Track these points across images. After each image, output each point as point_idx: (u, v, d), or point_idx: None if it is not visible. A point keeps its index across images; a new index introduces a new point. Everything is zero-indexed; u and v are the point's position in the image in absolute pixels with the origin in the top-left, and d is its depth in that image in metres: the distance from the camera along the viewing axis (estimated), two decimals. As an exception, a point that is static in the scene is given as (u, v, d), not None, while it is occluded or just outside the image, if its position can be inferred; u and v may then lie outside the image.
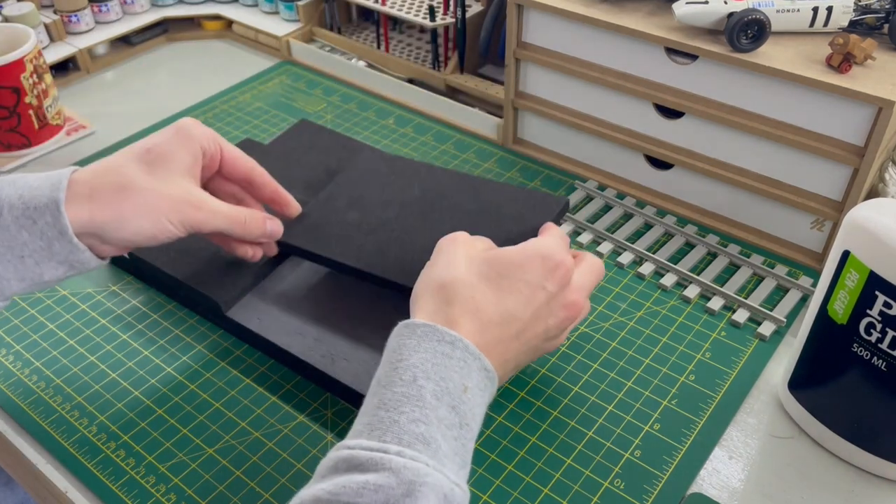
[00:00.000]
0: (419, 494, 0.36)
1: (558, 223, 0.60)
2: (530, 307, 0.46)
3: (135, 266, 0.65)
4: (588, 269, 0.51)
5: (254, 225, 0.55)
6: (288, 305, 0.60)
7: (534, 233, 0.57)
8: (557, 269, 0.47)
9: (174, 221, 0.49)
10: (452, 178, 0.64)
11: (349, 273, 0.59)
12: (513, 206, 0.60)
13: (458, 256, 0.47)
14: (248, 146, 0.75)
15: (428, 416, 0.39)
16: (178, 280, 0.61)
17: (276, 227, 0.57)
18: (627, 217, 0.72)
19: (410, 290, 0.55)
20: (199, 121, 0.54)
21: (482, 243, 0.50)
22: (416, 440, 0.38)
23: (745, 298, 0.62)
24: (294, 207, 0.60)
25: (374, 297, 0.60)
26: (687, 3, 0.62)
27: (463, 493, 0.39)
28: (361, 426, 0.40)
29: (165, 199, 0.49)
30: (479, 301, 0.45)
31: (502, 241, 0.55)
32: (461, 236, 0.50)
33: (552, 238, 0.50)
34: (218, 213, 0.52)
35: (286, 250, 0.61)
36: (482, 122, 0.83)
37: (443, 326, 0.44)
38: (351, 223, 0.61)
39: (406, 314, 0.57)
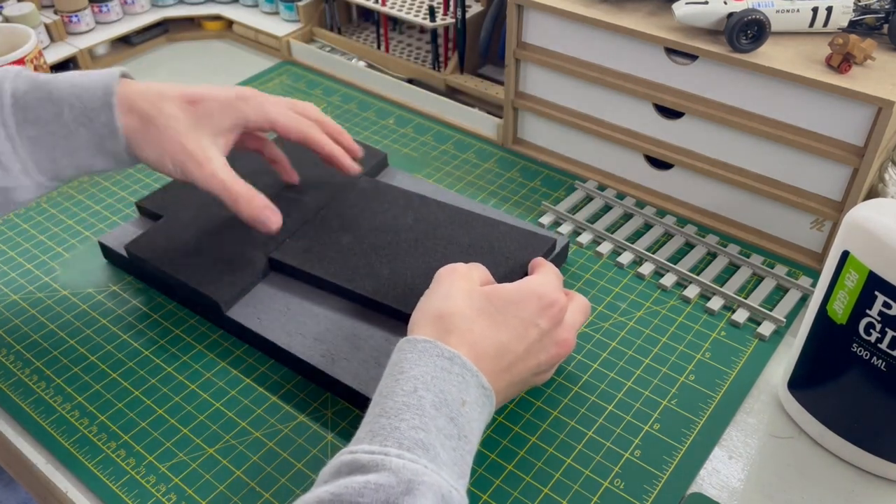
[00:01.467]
0: (418, 492, 0.37)
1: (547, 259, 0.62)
2: (524, 342, 0.48)
3: (135, 266, 0.65)
4: (578, 309, 0.53)
5: (245, 206, 0.56)
6: (288, 305, 0.60)
7: (522, 269, 0.59)
8: (551, 308, 0.49)
9: (174, 166, 0.54)
10: (445, 211, 0.65)
11: (339, 293, 0.60)
12: (503, 242, 0.62)
13: (457, 288, 0.49)
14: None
15: (427, 424, 0.41)
16: (178, 280, 0.61)
17: (270, 218, 0.57)
18: (627, 217, 0.72)
19: (398, 311, 0.57)
20: (258, 93, 0.58)
21: (479, 273, 0.52)
22: (415, 445, 0.39)
23: (745, 298, 0.62)
24: (351, 166, 0.63)
25: None
26: (687, 3, 0.62)
27: (461, 497, 0.39)
28: (363, 433, 0.41)
29: (177, 145, 0.54)
30: (476, 333, 0.47)
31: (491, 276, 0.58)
32: (460, 268, 0.51)
33: (547, 277, 0.52)
34: (214, 178, 0.55)
35: (279, 267, 0.62)
36: (482, 122, 0.83)
37: (444, 344, 0.45)
38: (343, 246, 0.62)
39: (405, 319, 0.57)
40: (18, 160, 0.53)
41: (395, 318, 0.58)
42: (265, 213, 0.57)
